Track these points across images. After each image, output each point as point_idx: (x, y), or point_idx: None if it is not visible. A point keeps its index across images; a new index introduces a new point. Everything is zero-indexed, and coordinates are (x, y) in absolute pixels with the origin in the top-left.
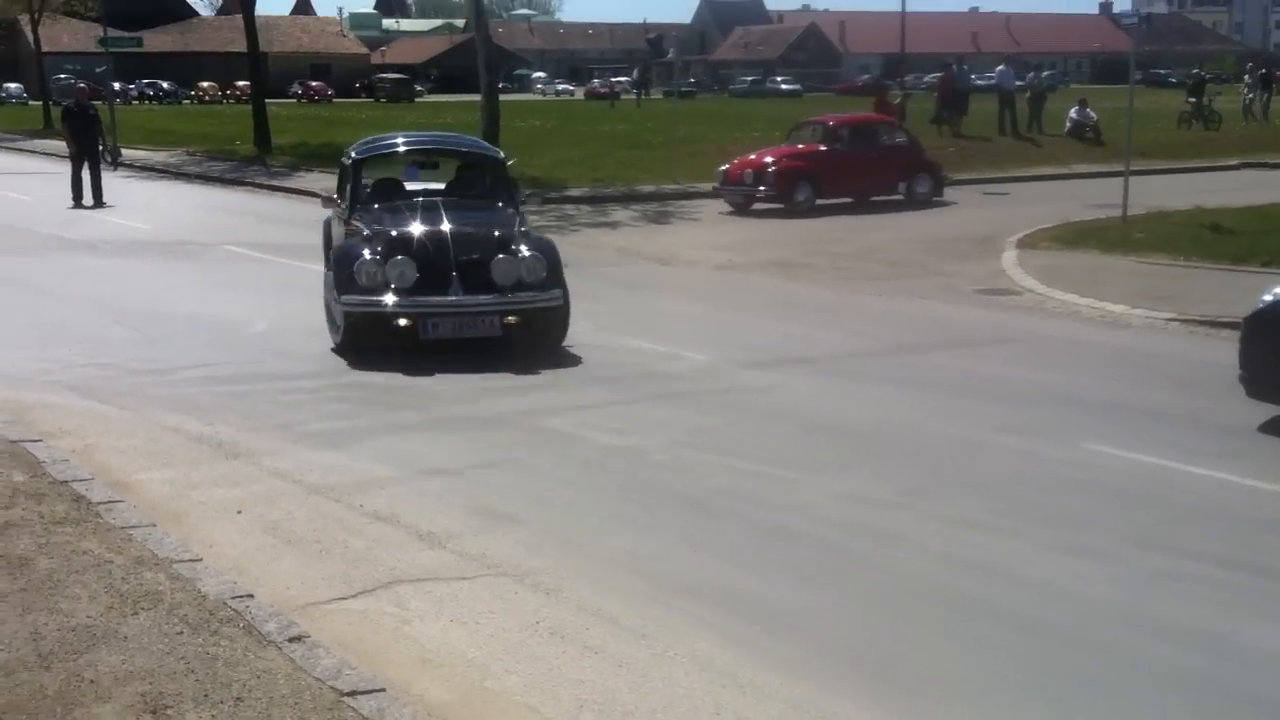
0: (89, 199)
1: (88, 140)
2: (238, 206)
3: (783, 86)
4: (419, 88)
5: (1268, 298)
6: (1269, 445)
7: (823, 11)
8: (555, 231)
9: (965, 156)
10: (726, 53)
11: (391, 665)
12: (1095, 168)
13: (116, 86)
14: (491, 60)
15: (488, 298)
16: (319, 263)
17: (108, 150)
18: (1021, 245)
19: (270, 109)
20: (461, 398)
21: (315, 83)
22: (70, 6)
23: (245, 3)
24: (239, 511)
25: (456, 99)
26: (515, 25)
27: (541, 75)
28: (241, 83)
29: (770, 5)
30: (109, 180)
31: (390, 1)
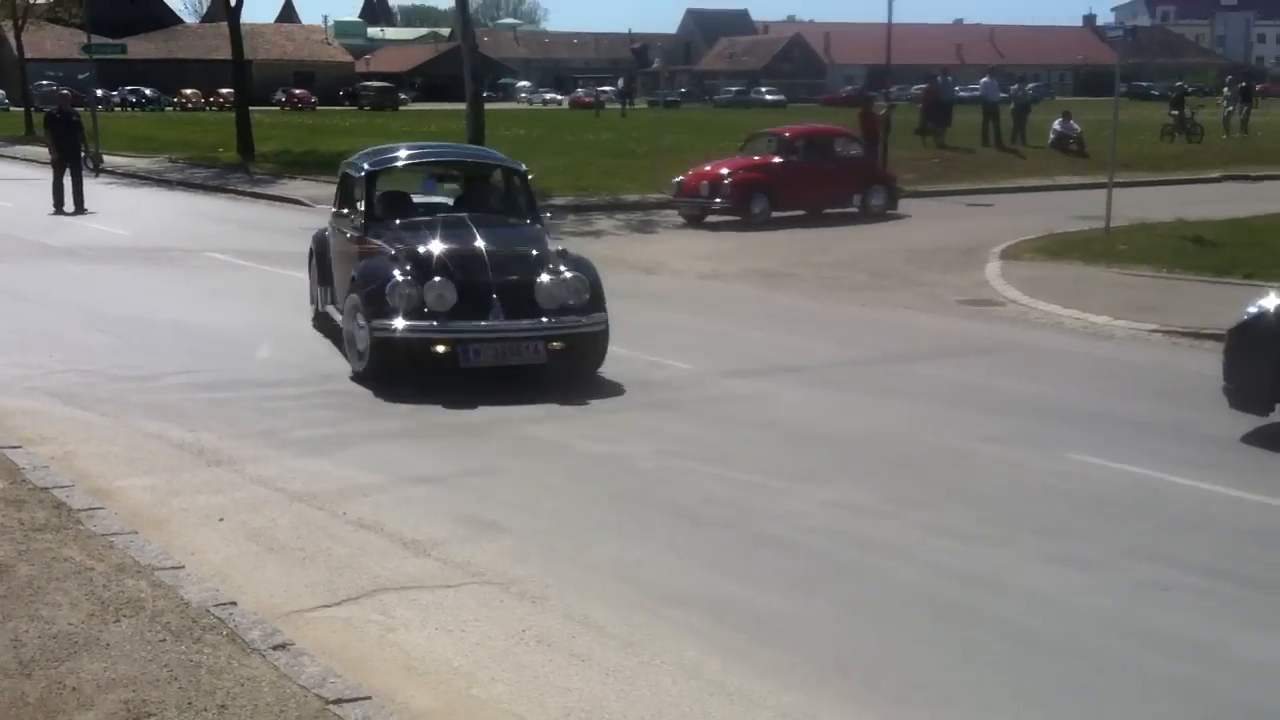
0: (70, 205)
1: (70, 147)
2: (220, 213)
3: (767, 97)
4: (403, 96)
5: (1252, 310)
6: (1253, 456)
7: (807, 22)
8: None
9: (949, 167)
10: (711, 63)
11: (376, 673)
12: (1078, 179)
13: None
14: (477, 69)
15: (531, 322)
16: (302, 270)
17: (90, 156)
18: (1005, 256)
19: (254, 116)
20: (444, 404)
21: (299, 90)
22: (54, 13)
23: (230, 10)
24: (221, 519)
25: (441, 107)
26: (500, 34)
27: (526, 84)
28: (225, 90)
29: (755, 16)
30: (90, 186)
31: (375, 10)
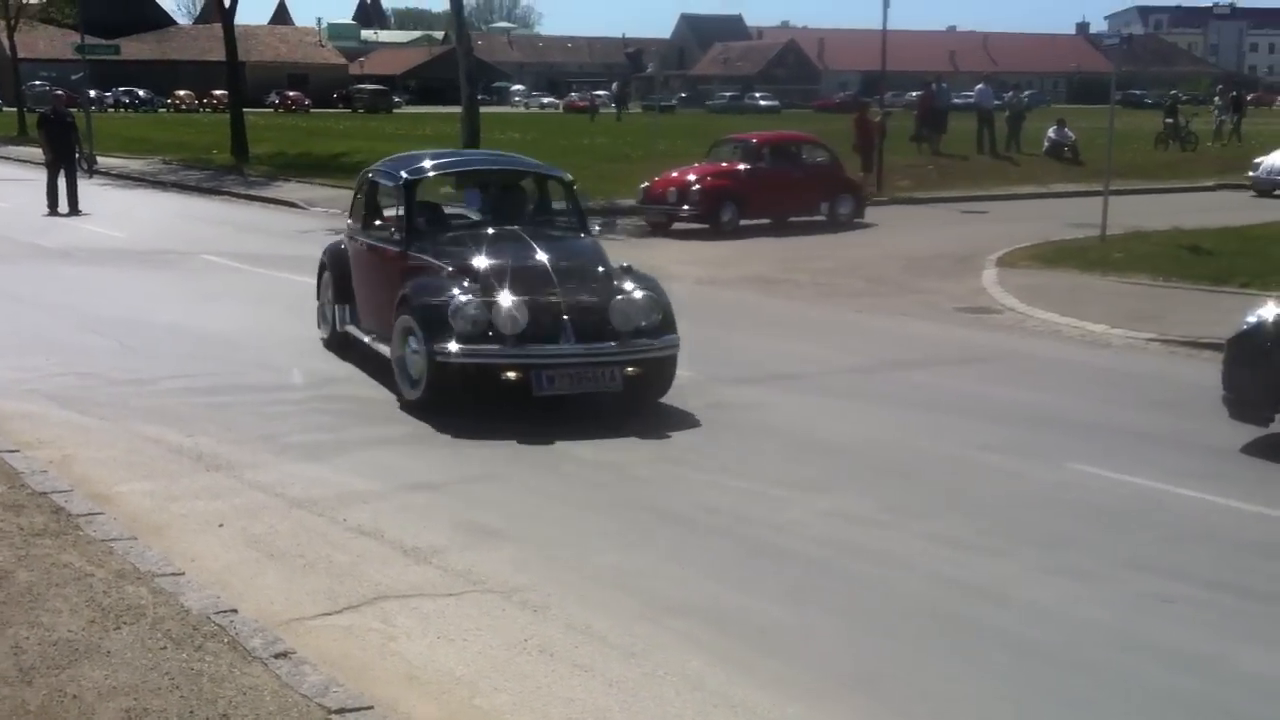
0: (64, 207)
1: (64, 148)
2: (215, 215)
3: (761, 103)
4: (397, 99)
5: (1251, 319)
6: (1253, 467)
7: (801, 28)
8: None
9: (944, 174)
10: (705, 68)
11: (379, 682)
12: (1073, 187)
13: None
14: (472, 72)
15: (607, 346)
16: (298, 273)
17: (84, 158)
18: (1001, 264)
19: (247, 118)
20: (443, 411)
21: (293, 92)
22: (47, 13)
23: (224, 12)
24: (221, 525)
25: (435, 110)
26: (494, 38)
27: (520, 88)
28: (218, 91)
29: (750, 21)
30: (85, 188)
31: (369, 12)
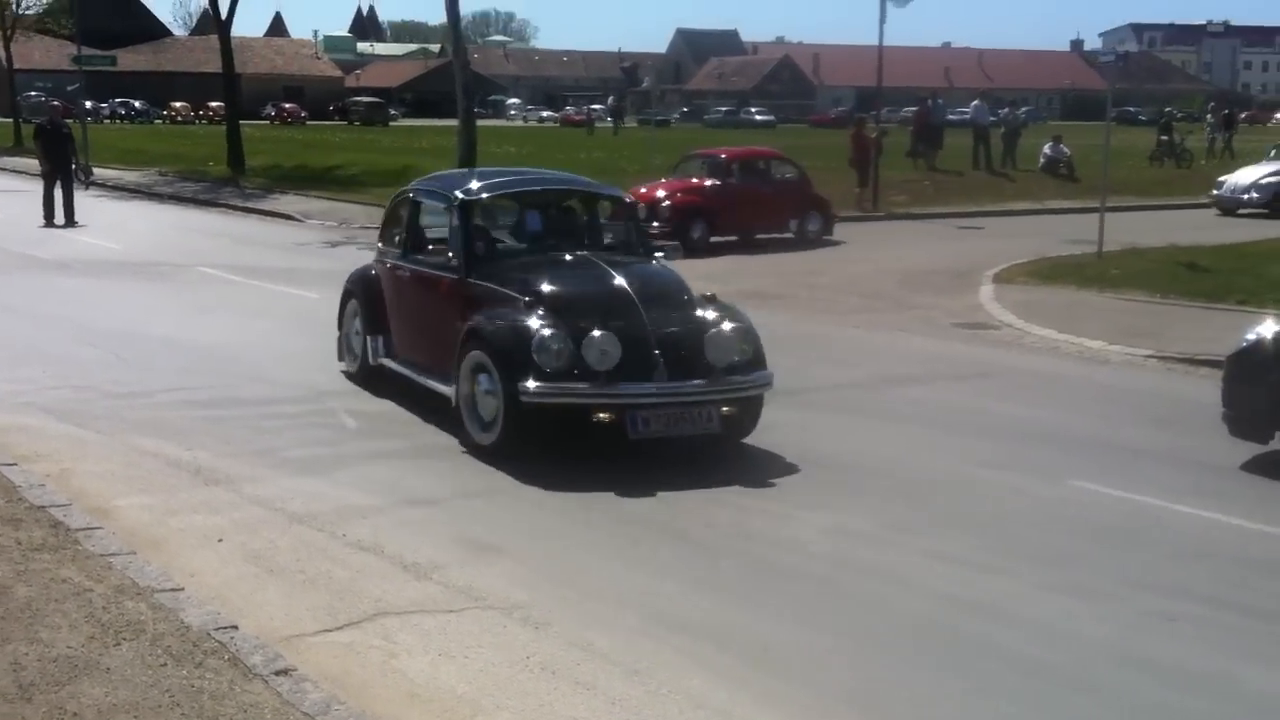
0: (60, 218)
1: (60, 159)
2: (211, 228)
3: (757, 117)
4: (393, 111)
5: (1250, 337)
6: (1253, 484)
7: (797, 44)
8: None
9: (940, 190)
10: (701, 83)
11: (380, 700)
12: (1069, 203)
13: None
14: (469, 86)
15: (701, 383)
16: (295, 286)
17: (80, 169)
18: (998, 280)
19: (243, 130)
20: (443, 425)
21: (288, 104)
22: (43, 24)
23: (221, 24)
24: (220, 539)
25: (430, 123)
26: (490, 51)
27: (516, 101)
28: (214, 103)
29: (745, 37)
30: (80, 199)
31: (365, 25)
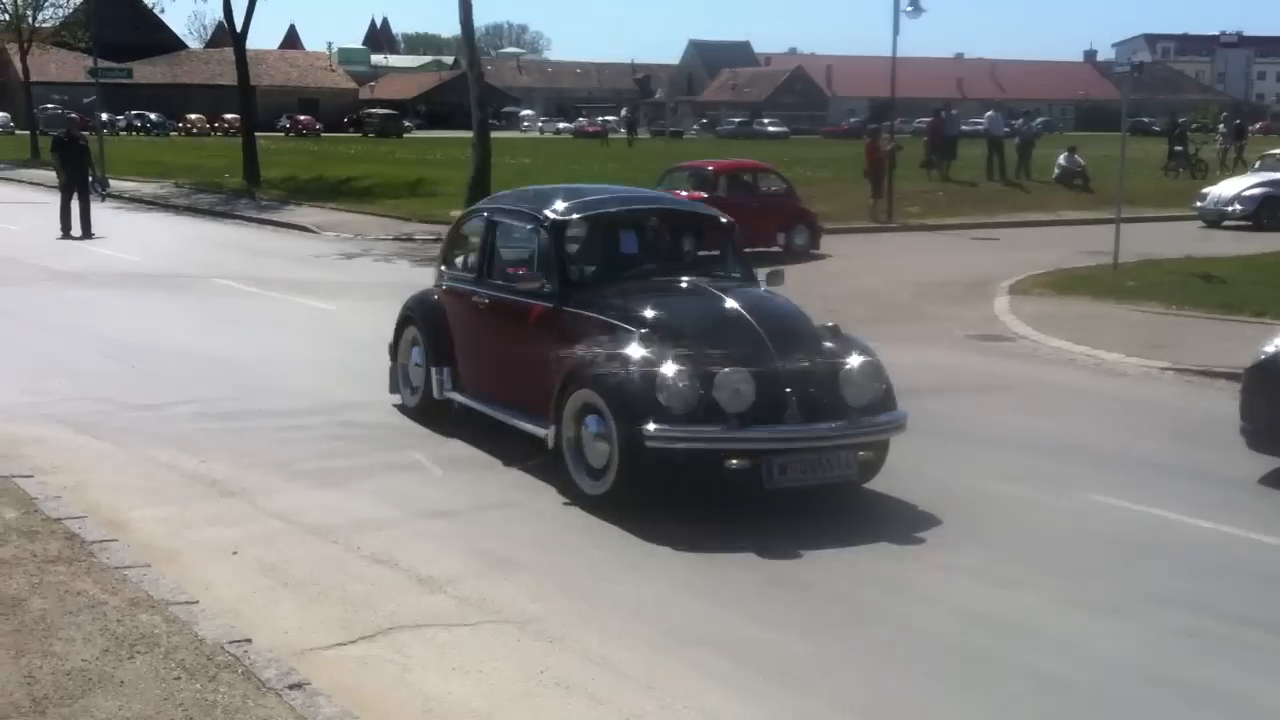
0: (77, 230)
1: (77, 171)
2: (227, 239)
3: (770, 129)
4: (407, 123)
5: (1269, 350)
6: (1272, 498)
7: (809, 55)
8: None
9: (953, 201)
10: (714, 94)
11: (394, 714)
12: (1083, 214)
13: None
14: (483, 97)
15: (840, 425)
16: (311, 297)
17: (97, 181)
18: (1013, 291)
19: (259, 142)
20: (458, 437)
21: (303, 116)
22: (59, 37)
23: (236, 36)
24: (235, 552)
25: (444, 135)
26: (503, 63)
27: (529, 113)
28: (230, 115)
29: (758, 48)
30: (97, 211)
31: (379, 37)
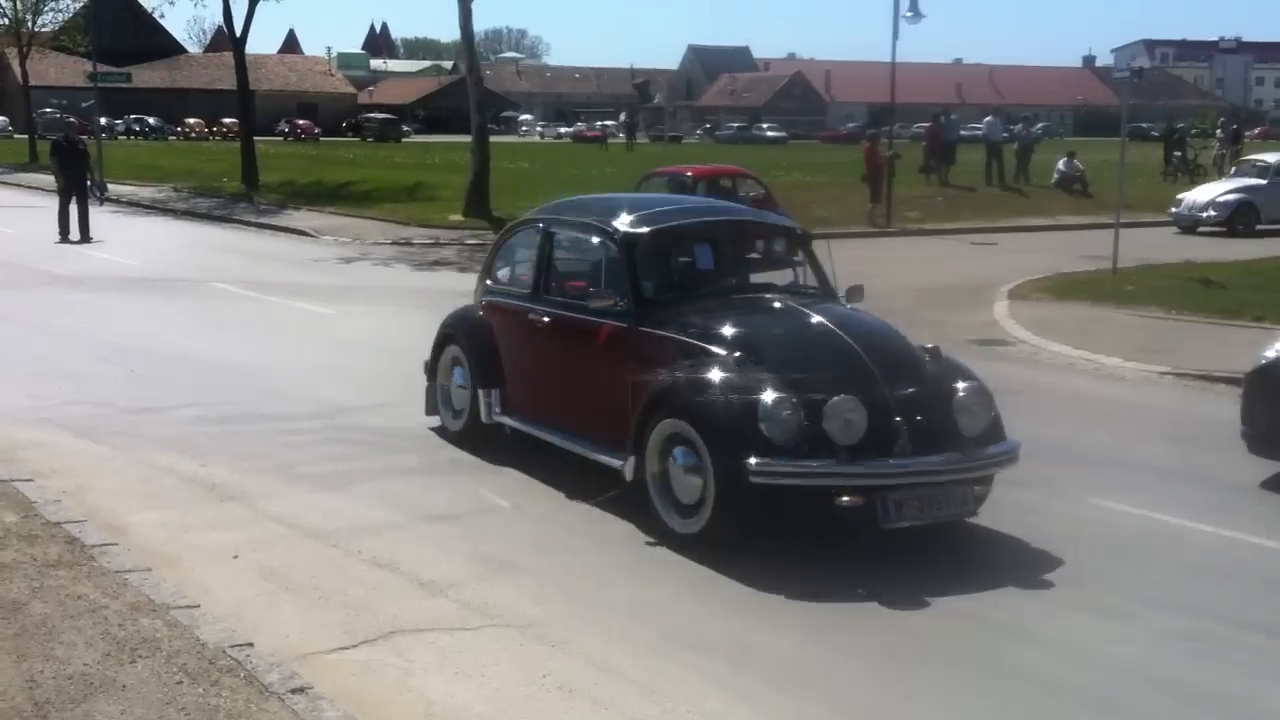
0: (76, 234)
1: (75, 175)
2: (226, 243)
3: (768, 134)
4: (405, 128)
5: (1269, 354)
6: (1272, 502)
7: (808, 60)
8: None
9: (952, 206)
10: (713, 99)
11: (396, 718)
12: (1082, 219)
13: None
14: (482, 102)
15: (957, 458)
16: (309, 301)
17: (95, 185)
18: (1013, 296)
19: (257, 146)
20: (458, 441)
21: (302, 121)
22: (59, 41)
23: (235, 41)
24: (235, 556)
25: (443, 140)
26: (503, 68)
27: (528, 118)
28: (228, 120)
29: (756, 53)
30: (95, 215)
31: (378, 42)
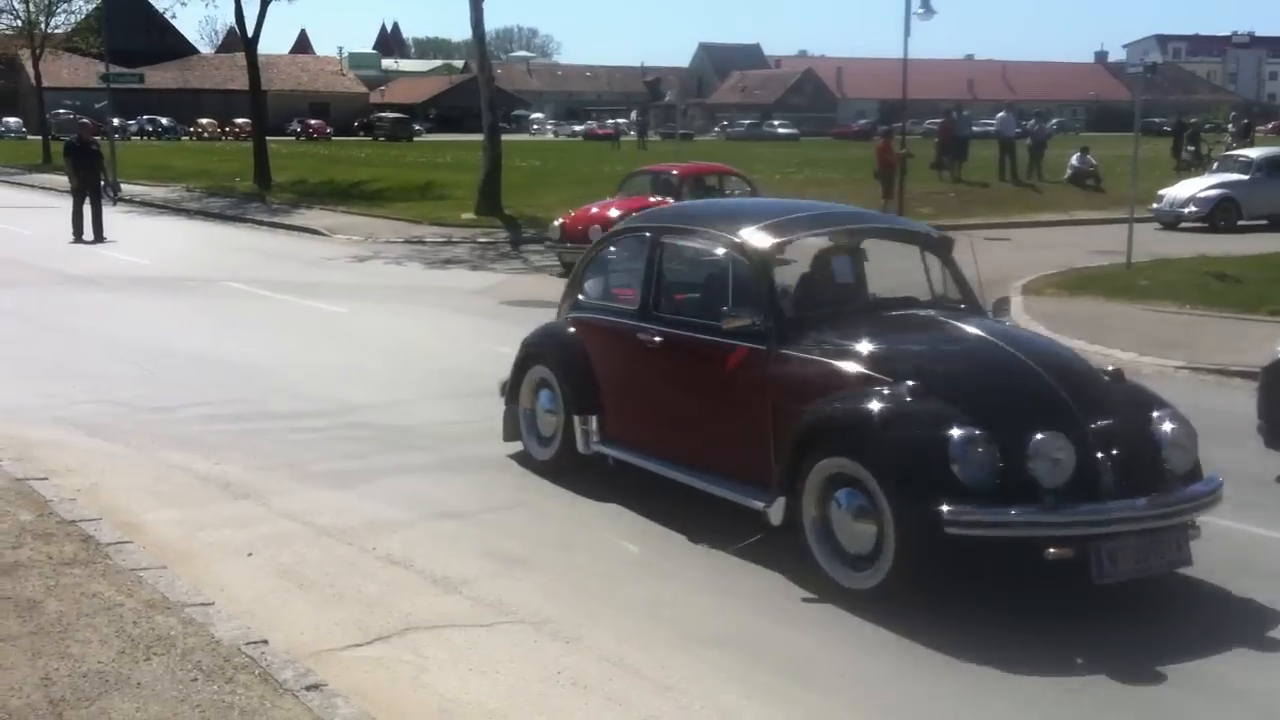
0: (90, 234)
1: (89, 175)
2: (239, 243)
3: (780, 130)
4: (417, 127)
5: None
6: None
7: (819, 57)
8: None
9: (965, 201)
10: (724, 96)
11: (410, 715)
12: (1096, 214)
13: (116, 122)
14: (493, 101)
15: (1159, 499)
16: (323, 300)
17: (109, 185)
18: (1027, 291)
19: (270, 146)
20: (470, 438)
21: (314, 121)
22: (71, 42)
23: (247, 41)
24: (250, 554)
25: (454, 139)
26: (514, 67)
27: (539, 116)
28: (240, 120)
29: (767, 50)
30: (109, 215)
31: (389, 41)
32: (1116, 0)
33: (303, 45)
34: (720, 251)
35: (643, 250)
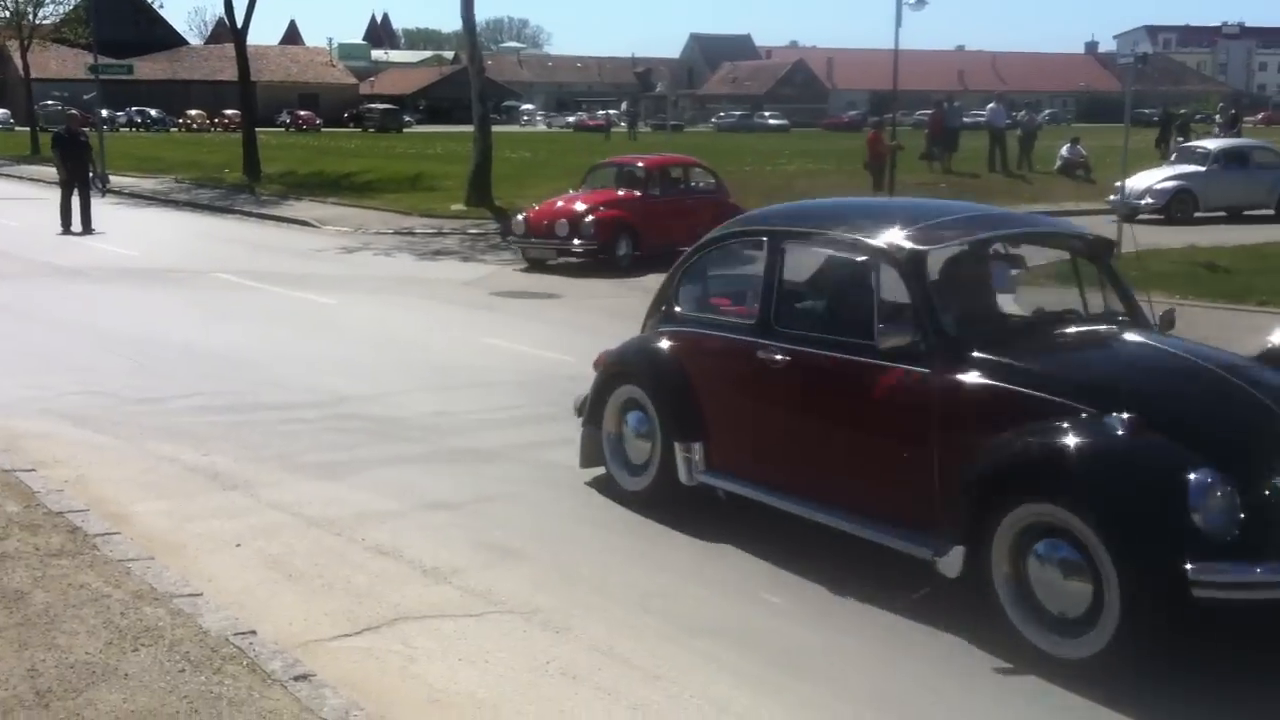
0: (78, 225)
1: (77, 167)
2: (228, 234)
3: (770, 121)
4: (407, 118)
5: (1275, 339)
6: None
7: (810, 48)
8: (554, 266)
9: (956, 192)
10: (714, 87)
11: (399, 705)
12: (1086, 205)
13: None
14: (484, 92)
15: None
16: (312, 291)
17: (97, 177)
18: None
19: (259, 137)
20: (460, 429)
21: (303, 112)
22: (60, 33)
23: (236, 32)
24: (238, 545)
25: (445, 130)
26: (504, 57)
27: (529, 107)
28: (229, 111)
29: (758, 41)
30: (97, 207)
31: (379, 32)
32: None
33: (292, 36)
34: (861, 259)
35: (759, 257)
